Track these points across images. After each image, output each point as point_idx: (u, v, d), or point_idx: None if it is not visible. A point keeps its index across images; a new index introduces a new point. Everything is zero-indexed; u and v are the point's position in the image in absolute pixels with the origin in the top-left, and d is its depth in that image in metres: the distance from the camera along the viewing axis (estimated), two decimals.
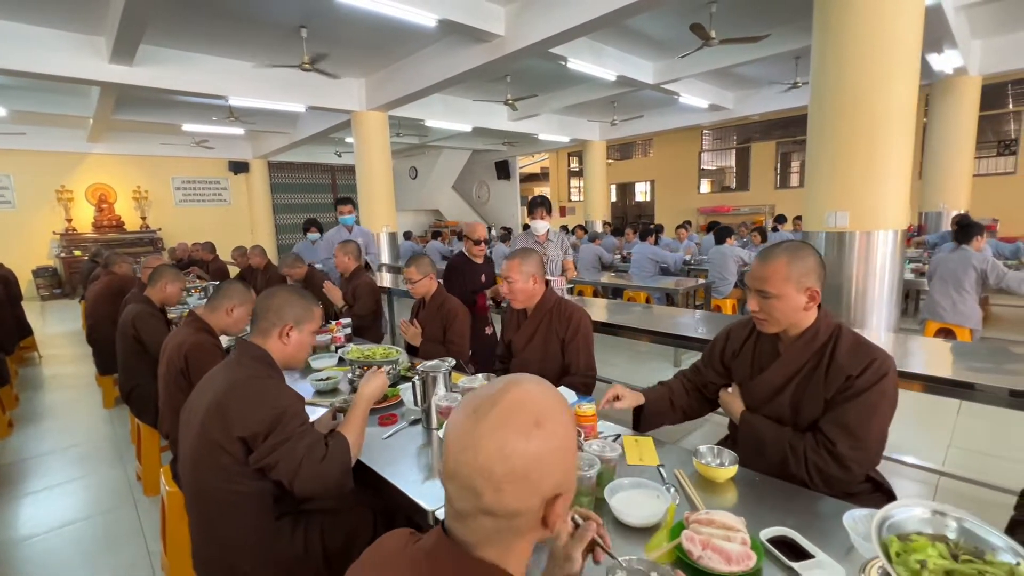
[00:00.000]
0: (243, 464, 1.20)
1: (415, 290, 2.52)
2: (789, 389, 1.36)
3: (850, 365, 1.26)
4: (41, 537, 2.34)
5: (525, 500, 0.57)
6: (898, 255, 3.39)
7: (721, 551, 0.91)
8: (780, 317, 1.33)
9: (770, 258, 1.32)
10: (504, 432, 0.57)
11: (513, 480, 0.55)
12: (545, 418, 0.59)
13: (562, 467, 0.59)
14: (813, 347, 1.33)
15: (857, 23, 3.18)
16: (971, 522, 0.82)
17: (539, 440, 0.57)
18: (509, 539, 0.59)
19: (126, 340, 2.54)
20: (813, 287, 1.30)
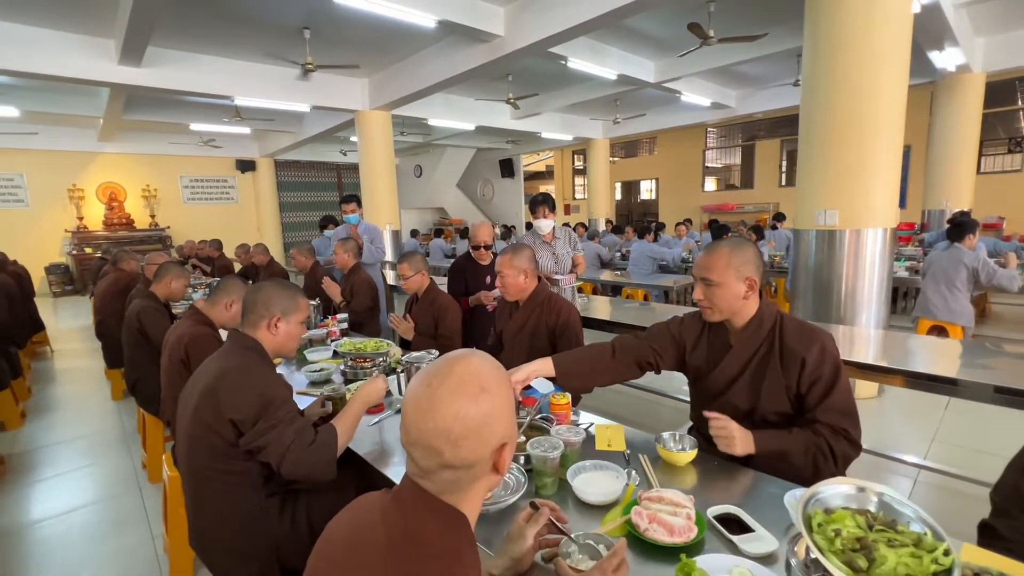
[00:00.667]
0: (233, 445, 1.29)
1: (407, 286, 2.60)
2: (745, 376, 1.44)
3: (800, 347, 1.36)
4: (51, 520, 2.46)
5: (478, 452, 0.67)
6: (887, 253, 3.43)
7: (665, 524, 0.99)
8: (722, 304, 1.41)
9: (714, 250, 1.42)
10: (457, 399, 0.66)
11: (467, 437, 0.65)
12: (488, 384, 0.69)
13: (504, 422, 0.69)
14: (761, 334, 1.42)
15: (847, 24, 3.22)
16: (890, 496, 0.89)
17: (486, 402, 0.67)
18: (466, 485, 0.69)
19: (131, 333, 2.65)
20: (752, 276, 1.39)
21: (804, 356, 1.35)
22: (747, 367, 1.44)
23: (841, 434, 1.30)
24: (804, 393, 1.36)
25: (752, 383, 1.43)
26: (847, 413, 1.32)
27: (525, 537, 0.93)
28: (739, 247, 1.41)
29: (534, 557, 0.95)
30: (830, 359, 1.35)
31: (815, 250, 3.55)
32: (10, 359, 3.85)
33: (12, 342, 4.17)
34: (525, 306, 2.13)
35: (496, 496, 1.15)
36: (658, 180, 15.62)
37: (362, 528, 0.71)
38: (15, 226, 9.96)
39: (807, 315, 3.66)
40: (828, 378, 1.33)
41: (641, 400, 3.68)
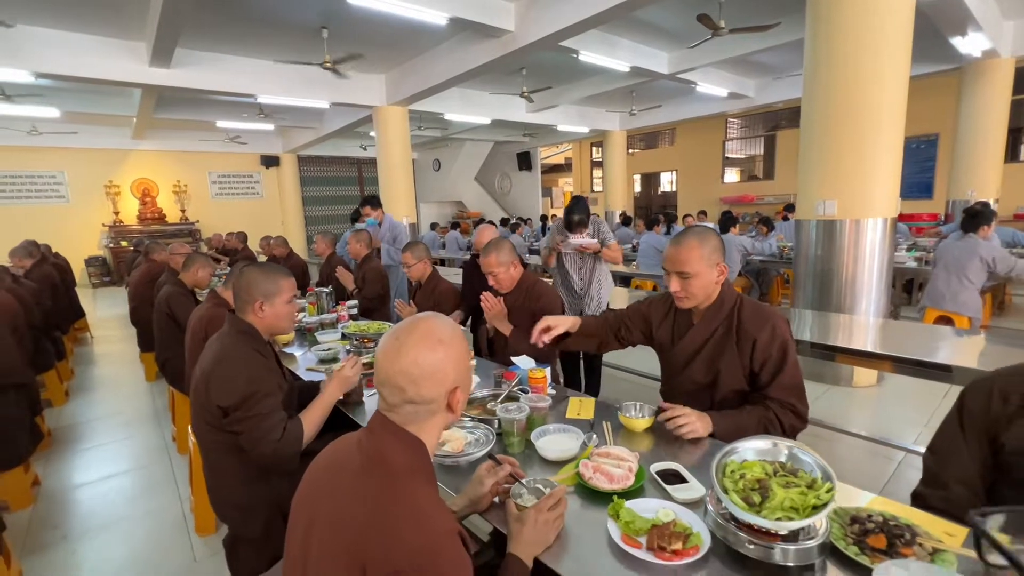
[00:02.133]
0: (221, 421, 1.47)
1: (411, 273, 2.77)
2: (704, 352, 1.56)
3: (753, 328, 1.48)
4: (92, 484, 2.74)
5: (435, 391, 0.83)
6: (887, 242, 3.45)
7: (607, 473, 1.13)
8: (699, 292, 1.51)
9: (683, 243, 1.50)
10: (418, 348, 0.83)
11: (426, 378, 0.82)
12: (444, 338, 0.85)
13: (456, 369, 0.85)
14: (721, 315, 1.53)
15: (848, 16, 3.23)
16: (799, 450, 1.01)
17: (441, 351, 0.83)
18: (424, 419, 0.84)
19: (161, 317, 2.89)
20: (721, 262, 1.50)
21: (756, 336, 1.46)
22: (706, 343, 1.56)
23: (789, 408, 1.42)
24: (757, 371, 1.47)
25: (711, 359, 1.55)
26: (795, 389, 1.43)
27: (484, 484, 1.09)
28: (705, 237, 1.51)
29: (492, 500, 1.11)
30: (779, 339, 1.45)
31: (815, 240, 3.59)
32: (55, 343, 4.18)
33: (56, 327, 4.51)
34: (511, 295, 2.26)
35: (467, 450, 1.30)
36: (677, 172, 15.48)
37: (340, 454, 0.87)
38: (57, 220, 10.53)
39: (808, 304, 3.71)
40: (777, 357, 1.44)
41: (645, 387, 3.79)
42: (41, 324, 3.79)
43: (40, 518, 2.44)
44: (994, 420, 1.06)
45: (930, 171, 10.52)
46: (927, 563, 0.82)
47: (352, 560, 0.69)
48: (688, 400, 1.51)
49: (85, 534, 2.30)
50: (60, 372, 4.07)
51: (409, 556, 0.68)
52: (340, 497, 0.78)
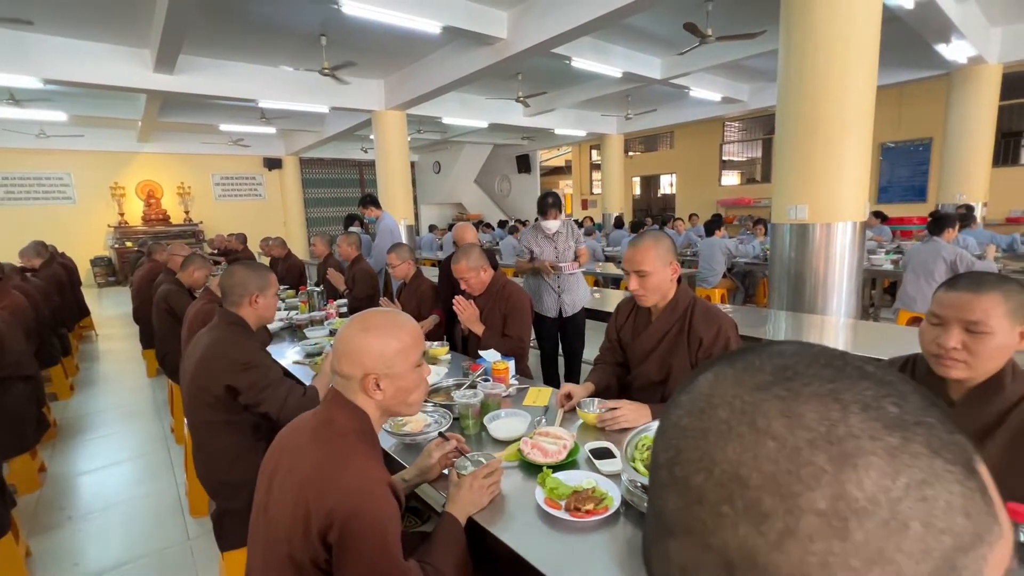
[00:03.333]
0: (225, 401, 1.63)
1: (395, 273, 2.93)
2: (660, 349, 1.70)
3: (703, 330, 1.62)
4: (95, 471, 2.92)
5: (351, 370, 0.98)
6: (857, 246, 3.58)
7: (543, 449, 1.28)
8: (656, 289, 1.66)
9: (640, 244, 1.65)
10: (352, 329, 0.99)
11: (347, 355, 0.98)
12: (373, 329, 1.00)
13: (376, 360, 0.98)
14: (675, 315, 1.68)
15: (817, 28, 3.37)
16: None
17: (365, 339, 0.98)
18: (351, 393, 0.99)
19: (159, 313, 3.06)
20: (674, 262, 1.65)
21: (703, 336, 1.61)
22: (661, 342, 1.71)
23: None
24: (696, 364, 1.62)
25: (664, 357, 1.70)
26: None
27: (432, 457, 1.25)
28: (659, 239, 1.66)
29: (440, 471, 1.26)
30: (723, 340, 1.60)
31: (789, 243, 3.73)
32: (61, 339, 4.37)
33: (63, 325, 4.70)
34: (482, 297, 2.41)
35: (425, 431, 1.46)
36: (676, 174, 15.60)
37: (301, 420, 1.03)
38: (64, 221, 10.76)
39: (782, 305, 3.85)
40: (718, 354, 1.58)
41: None
42: (48, 321, 3.98)
43: (47, 501, 2.62)
44: None
45: (924, 175, 10.59)
46: None
47: (299, 500, 0.85)
48: (640, 396, 1.66)
49: (88, 515, 2.47)
50: (66, 367, 4.25)
51: (342, 496, 0.83)
52: (296, 451, 0.94)
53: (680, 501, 0.27)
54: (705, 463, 0.27)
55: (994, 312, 1.02)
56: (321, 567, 0.85)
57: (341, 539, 0.82)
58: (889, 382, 0.27)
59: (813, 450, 0.25)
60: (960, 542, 0.24)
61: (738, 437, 0.26)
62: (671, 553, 0.28)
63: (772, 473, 0.25)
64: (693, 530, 0.27)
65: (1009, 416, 1.04)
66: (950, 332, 1.05)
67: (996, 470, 0.80)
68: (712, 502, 0.26)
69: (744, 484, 0.25)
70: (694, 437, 0.28)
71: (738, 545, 0.25)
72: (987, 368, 1.05)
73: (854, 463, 0.24)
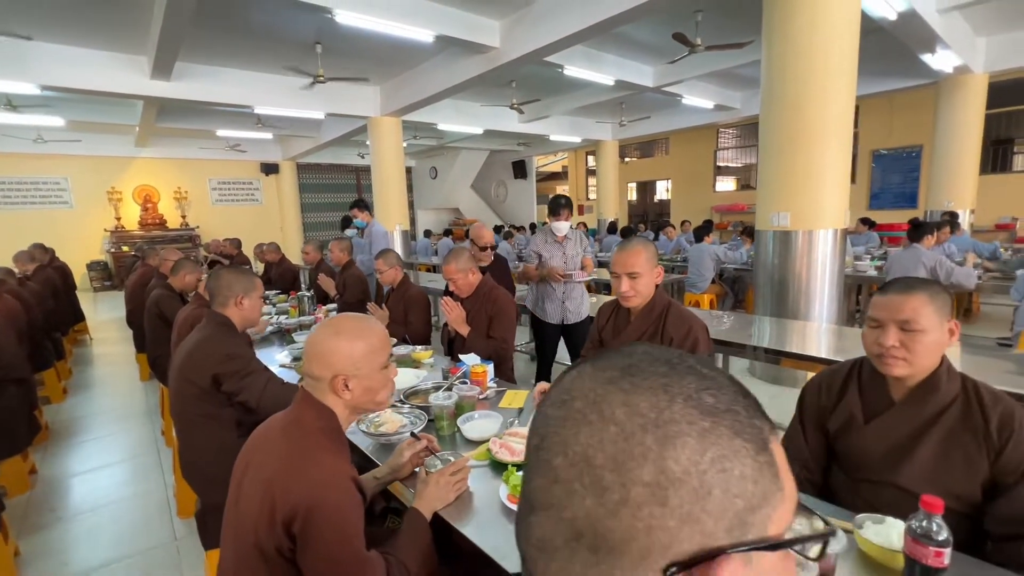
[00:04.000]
0: (210, 393, 1.68)
1: (383, 279, 2.99)
2: None
3: (674, 331, 1.70)
4: (86, 473, 2.96)
5: (320, 370, 1.03)
6: (838, 252, 3.65)
7: (511, 449, 1.34)
8: (643, 291, 1.73)
9: (632, 248, 1.71)
10: (323, 333, 1.04)
11: (317, 356, 1.03)
12: (344, 332, 1.05)
13: (344, 362, 1.03)
14: (652, 316, 1.75)
15: (797, 40, 3.45)
16: None
17: (334, 342, 1.04)
18: (320, 393, 1.04)
19: (151, 317, 3.11)
20: (659, 266, 1.74)
21: (673, 336, 1.68)
22: (640, 340, 1.77)
23: None
24: None
25: None
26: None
27: (403, 455, 1.30)
28: (646, 243, 1.75)
29: (411, 469, 1.32)
30: (691, 339, 1.67)
31: (772, 250, 3.79)
32: (55, 343, 4.41)
33: (56, 329, 4.74)
34: (470, 299, 2.47)
35: (400, 431, 1.51)
36: (671, 180, 15.71)
37: (271, 420, 1.08)
38: (61, 225, 10.79)
39: (767, 311, 3.91)
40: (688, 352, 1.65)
41: None
42: (42, 325, 4.02)
43: (37, 502, 2.65)
44: (822, 409, 1.27)
45: (915, 181, 10.70)
46: None
47: (266, 493, 0.90)
48: None
49: (77, 516, 2.51)
50: (59, 371, 4.28)
51: (306, 489, 0.88)
52: (266, 447, 0.99)
53: (543, 481, 0.32)
54: (563, 447, 0.32)
55: (923, 310, 1.09)
56: (286, 556, 0.90)
57: (304, 529, 0.88)
58: (712, 377, 0.34)
59: (644, 433, 0.30)
60: (750, 504, 0.30)
61: (588, 424, 0.32)
62: (532, 527, 0.33)
63: (613, 453, 0.30)
64: (551, 506, 0.32)
65: (943, 415, 1.10)
66: (888, 332, 1.12)
67: (931, 464, 0.88)
68: (566, 480, 0.31)
69: (591, 464, 0.30)
70: (556, 425, 0.33)
71: (585, 515, 0.30)
72: (924, 364, 1.12)
73: (673, 443, 0.30)
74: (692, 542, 0.29)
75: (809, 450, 1.29)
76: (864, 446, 1.18)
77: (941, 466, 1.07)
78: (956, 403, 1.10)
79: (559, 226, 3.25)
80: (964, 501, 1.07)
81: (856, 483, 1.20)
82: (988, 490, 1.06)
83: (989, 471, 1.05)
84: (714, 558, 0.29)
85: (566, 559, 0.31)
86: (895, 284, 1.17)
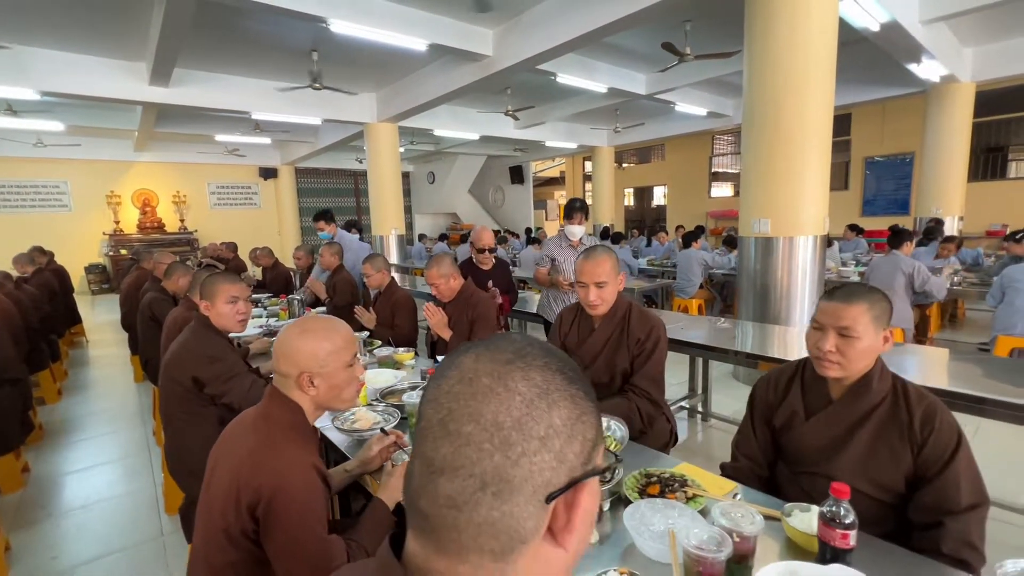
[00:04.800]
0: (193, 393, 1.76)
1: (370, 283, 3.07)
2: (604, 353, 1.84)
3: (639, 331, 1.78)
4: (78, 471, 3.02)
5: (287, 367, 1.10)
6: (818, 258, 3.73)
7: None
8: (609, 298, 1.81)
9: (598, 258, 1.77)
10: (291, 332, 1.12)
11: (286, 355, 1.10)
12: (310, 331, 1.12)
13: (309, 359, 1.10)
14: (615, 320, 1.82)
15: (776, 53, 3.54)
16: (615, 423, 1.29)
17: (300, 339, 1.11)
18: (287, 389, 1.11)
19: (144, 320, 3.18)
20: (622, 272, 1.81)
21: (640, 336, 1.76)
22: (605, 346, 1.84)
23: (644, 396, 1.70)
24: (632, 363, 1.76)
25: (609, 359, 1.83)
26: (653, 381, 1.72)
27: (372, 449, 1.37)
28: (610, 251, 1.82)
29: (380, 463, 1.39)
30: (654, 337, 1.75)
31: (754, 256, 3.87)
32: (51, 345, 4.47)
33: (53, 331, 4.80)
34: (452, 304, 2.55)
35: (372, 427, 1.58)
36: (667, 186, 15.82)
37: (243, 415, 1.15)
38: (60, 229, 10.87)
39: (750, 316, 3.98)
40: (648, 350, 1.73)
41: None
42: (38, 327, 4.09)
43: (29, 499, 2.72)
44: (769, 406, 1.34)
45: (907, 188, 10.79)
46: (676, 502, 1.10)
47: (232, 483, 0.97)
48: None
49: (68, 513, 2.57)
50: (54, 372, 4.35)
51: (270, 475, 0.95)
52: (236, 439, 1.06)
53: (451, 447, 0.39)
54: (474, 416, 0.39)
55: (861, 319, 1.17)
56: (250, 537, 0.97)
57: (267, 512, 0.95)
58: (564, 359, 0.44)
59: (539, 400, 0.40)
60: (593, 444, 0.43)
61: (497, 395, 0.40)
62: (440, 487, 0.39)
63: (518, 417, 0.39)
64: (460, 467, 0.39)
65: (874, 413, 1.18)
66: (827, 337, 1.20)
67: (861, 457, 1.01)
68: (477, 443, 0.38)
69: (500, 427, 0.39)
70: (466, 398, 0.40)
71: (492, 469, 0.38)
72: (857, 368, 1.19)
73: (557, 405, 0.40)
74: (564, 476, 0.40)
75: (757, 445, 1.36)
76: (804, 441, 1.25)
77: (870, 459, 1.15)
78: (886, 402, 1.18)
79: (573, 230, 3.26)
80: (891, 492, 1.14)
81: (796, 475, 1.27)
82: (912, 482, 1.13)
83: (913, 464, 1.12)
84: (576, 484, 0.40)
85: (473, 508, 0.38)
86: (840, 291, 1.23)
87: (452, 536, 0.39)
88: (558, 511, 0.41)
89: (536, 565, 0.41)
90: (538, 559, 0.41)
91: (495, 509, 0.38)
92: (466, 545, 0.39)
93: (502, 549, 0.39)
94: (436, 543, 0.40)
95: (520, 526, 0.39)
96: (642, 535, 0.98)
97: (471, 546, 0.39)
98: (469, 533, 0.39)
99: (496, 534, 0.39)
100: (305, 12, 4.49)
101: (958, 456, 1.07)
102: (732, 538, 0.89)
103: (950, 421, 1.11)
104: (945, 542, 1.02)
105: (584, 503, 0.41)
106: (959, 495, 1.05)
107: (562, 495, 0.40)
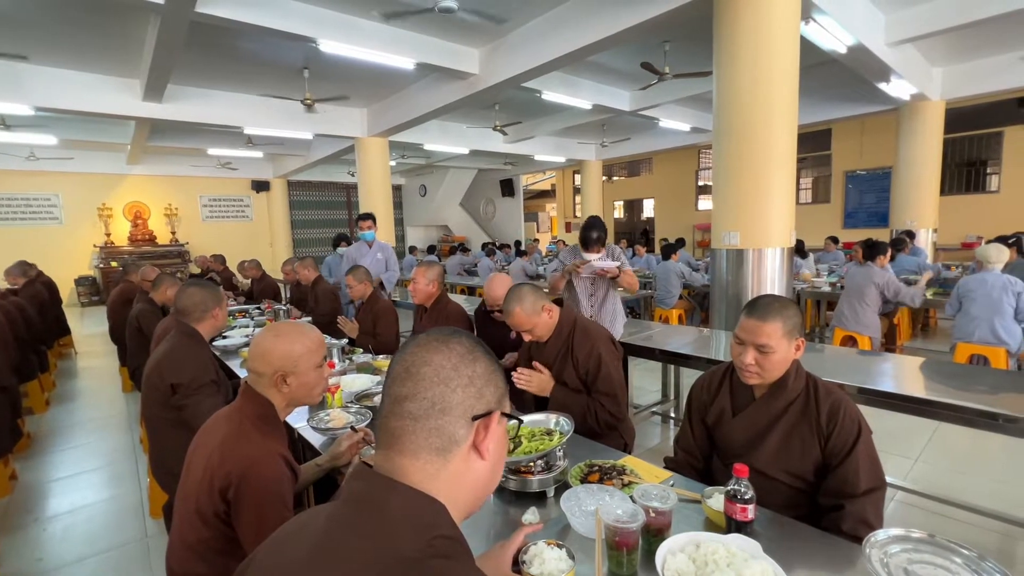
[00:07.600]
0: (172, 399, 1.86)
1: (352, 293, 3.19)
2: (555, 368, 1.95)
3: (578, 348, 1.90)
4: (65, 478, 3.09)
5: (262, 367, 1.21)
6: (785, 270, 3.89)
7: None
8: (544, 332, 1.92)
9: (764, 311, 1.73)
10: (264, 336, 1.24)
11: (260, 355, 1.21)
12: (282, 335, 1.24)
13: (283, 360, 1.22)
14: (562, 338, 1.94)
15: (742, 75, 3.73)
16: (564, 420, 1.41)
17: (273, 342, 1.23)
18: (262, 388, 1.23)
19: (132, 330, 3.28)
20: (548, 305, 1.91)
21: (579, 355, 1.89)
22: (555, 362, 1.95)
23: (603, 406, 1.82)
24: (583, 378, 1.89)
25: (559, 375, 1.94)
26: (608, 395, 1.85)
27: (342, 445, 1.48)
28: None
29: (349, 458, 1.50)
30: (595, 356, 1.86)
31: (726, 267, 4.03)
32: (39, 356, 4.53)
33: (42, 341, 4.86)
34: (429, 311, 2.69)
35: (345, 425, 1.69)
36: (655, 199, 16.09)
37: (219, 412, 1.26)
38: (50, 241, 10.90)
39: (722, 325, 4.12)
40: (593, 370, 1.86)
41: None
42: (27, 338, 4.16)
43: (17, 505, 2.78)
44: (703, 405, 1.47)
45: (886, 201, 11.05)
46: (612, 487, 1.22)
47: (206, 469, 1.09)
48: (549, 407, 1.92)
49: (54, 517, 2.64)
50: (43, 383, 4.41)
51: (239, 461, 1.07)
52: (211, 432, 1.18)
53: (412, 384, 0.61)
54: (427, 363, 0.63)
55: (775, 335, 1.29)
56: (222, 519, 1.08)
57: (237, 495, 1.06)
58: (478, 340, 0.66)
59: (469, 354, 0.65)
60: (504, 391, 0.68)
61: (440, 351, 0.64)
62: (404, 408, 0.60)
63: (455, 363, 0.63)
64: (418, 392, 0.61)
65: (789, 409, 1.32)
66: (747, 351, 1.33)
67: (777, 449, 1.23)
68: (429, 378, 0.62)
69: (443, 368, 0.62)
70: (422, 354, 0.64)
71: (438, 395, 0.61)
72: (774, 375, 1.33)
73: (480, 358, 0.66)
74: (483, 406, 0.64)
75: (694, 440, 1.49)
76: (732, 435, 1.38)
77: (784, 450, 1.28)
78: (799, 399, 1.31)
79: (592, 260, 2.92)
80: (803, 479, 1.27)
81: (727, 466, 1.39)
82: (820, 470, 1.26)
83: (821, 454, 1.25)
84: (491, 414, 0.64)
85: (425, 419, 0.60)
86: (756, 309, 1.34)
87: (410, 439, 0.60)
88: (479, 429, 0.63)
89: (464, 467, 0.62)
90: (467, 463, 0.62)
91: (440, 419, 0.60)
92: (420, 445, 0.60)
93: (443, 447, 0.60)
94: (399, 448, 0.60)
95: (455, 432, 0.61)
96: (574, 514, 1.10)
97: (423, 445, 0.60)
98: (422, 435, 0.60)
99: (440, 435, 0.60)
100: (296, 33, 4.66)
101: (858, 446, 1.21)
102: (649, 514, 1.01)
103: (853, 415, 1.24)
104: (845, 521, 1.15)
105: (495, 429, 0.64)
106: (858, 480, 1.18)
107: (482, 419, 0.63)
